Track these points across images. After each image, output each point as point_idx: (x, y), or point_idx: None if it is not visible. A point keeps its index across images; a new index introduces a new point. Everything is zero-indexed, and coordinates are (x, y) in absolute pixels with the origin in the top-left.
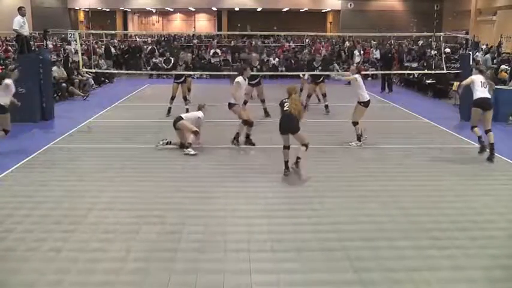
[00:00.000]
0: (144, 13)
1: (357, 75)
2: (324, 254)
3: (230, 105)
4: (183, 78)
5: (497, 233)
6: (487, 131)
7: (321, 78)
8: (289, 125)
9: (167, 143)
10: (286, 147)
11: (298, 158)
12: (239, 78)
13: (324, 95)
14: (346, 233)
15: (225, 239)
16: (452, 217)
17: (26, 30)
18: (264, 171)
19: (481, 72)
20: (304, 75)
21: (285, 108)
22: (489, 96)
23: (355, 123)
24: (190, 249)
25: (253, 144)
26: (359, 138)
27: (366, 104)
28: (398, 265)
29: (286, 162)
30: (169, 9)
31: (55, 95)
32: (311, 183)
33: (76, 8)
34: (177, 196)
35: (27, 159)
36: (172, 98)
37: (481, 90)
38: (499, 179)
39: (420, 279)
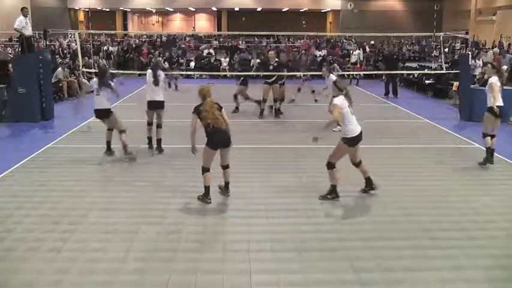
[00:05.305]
0: (144, 13)
1: (336, 100)
2: (324, 254)
3: None
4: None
5: (497, 233)
6: None
7: (273, 79)
8: (223, 138)
9: None
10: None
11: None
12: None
13: (278, 100)
14: (346, 233)
15: (225, 239)
16: (452, 217)
17: (28, 31)
18: (263, 171)
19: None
20: (302, 75)
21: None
22: None
23: (329, 166)
24: (190, 249)
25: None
26: (333, 190)
27: (349, 141)
28: (398, 265)
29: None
30: (169, 9)
31: (55, 95)
32: (311, 183)
33: (76, 8)
34: (177, 196)
35: (27, 159)
36: None
37: None
38: (499, 179)
39: (420, 279)
